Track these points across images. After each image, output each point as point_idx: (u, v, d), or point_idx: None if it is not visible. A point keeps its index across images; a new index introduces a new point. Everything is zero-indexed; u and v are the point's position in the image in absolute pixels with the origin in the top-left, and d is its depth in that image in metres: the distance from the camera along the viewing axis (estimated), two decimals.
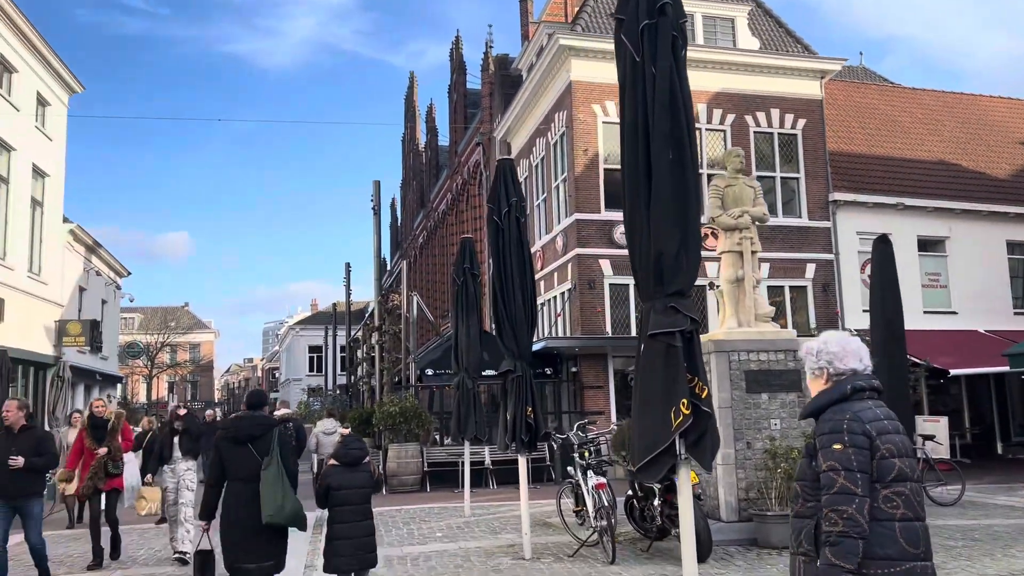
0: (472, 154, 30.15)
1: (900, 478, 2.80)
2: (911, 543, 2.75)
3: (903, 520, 2.77)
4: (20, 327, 21.24)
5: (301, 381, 64.79)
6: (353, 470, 5.82)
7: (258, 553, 5.42)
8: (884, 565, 2.72)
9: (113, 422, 9.46)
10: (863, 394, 2.95)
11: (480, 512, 12.52)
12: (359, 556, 5.75)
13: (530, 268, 8.71)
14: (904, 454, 2.85)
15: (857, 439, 2.80)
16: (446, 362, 18.04)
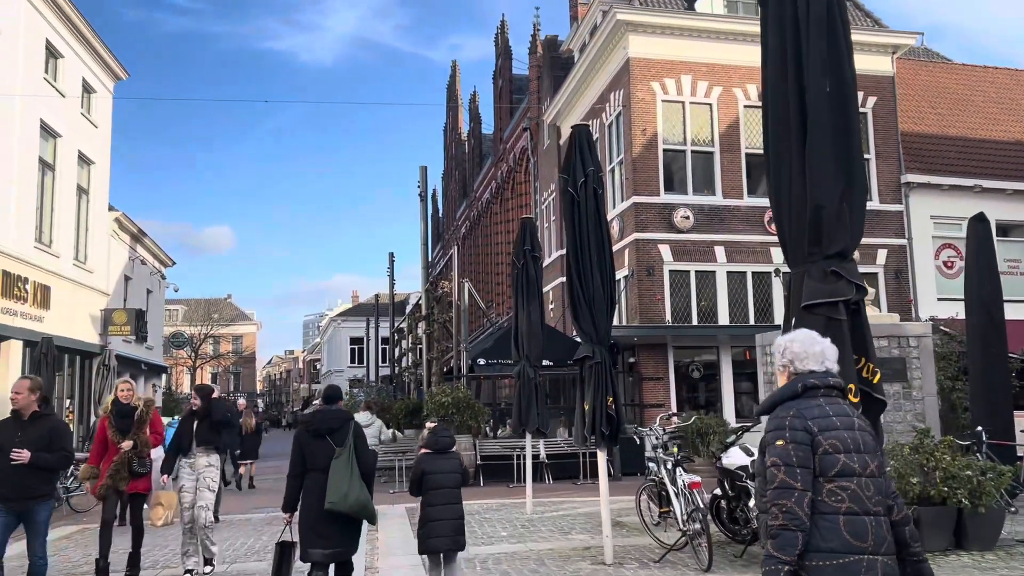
0: (518, 140, 29.39)
1: (845, 473, 2.83)
2: (856, 536, 2.79)
3: (848, 514, 2.80)
4: (66, 315, 21.05)
5: (343, 373, 64.72)
6: (444, 457, 6.28)
7: (329, 540, 5.63)
8: (826, 557, 2.77)
9: (142, 411, 7.95)
10: (815, 392, 3.00)
11: (542, 509, 11.79)
12: (451, 538, 6.15)
13: (608, 244, 7.93)
14: (853, 450, 2.88)
15: (797, 435, 2.87)
16: (499, 351, 17.35)
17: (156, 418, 8.48)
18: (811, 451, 2.87)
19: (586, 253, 7.76)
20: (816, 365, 3.09)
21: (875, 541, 2.82)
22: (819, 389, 3.03)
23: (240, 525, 11.20)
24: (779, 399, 3.07)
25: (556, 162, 24.29)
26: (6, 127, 17.85)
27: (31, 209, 19.18)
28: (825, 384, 3.04)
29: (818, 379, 3.05)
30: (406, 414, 23.91)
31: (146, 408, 8.12)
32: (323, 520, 5.58)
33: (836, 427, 2.91)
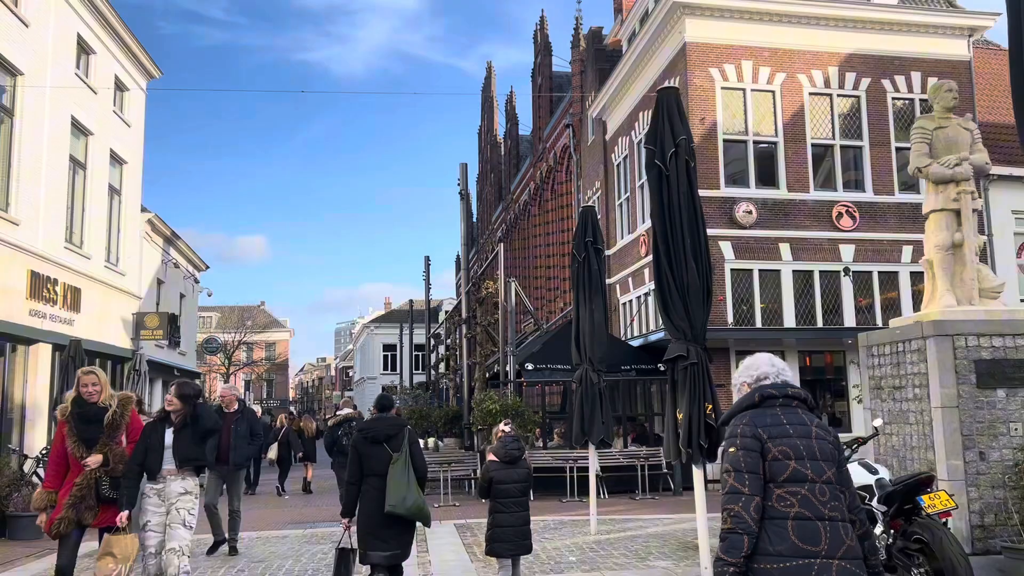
0: (559, 138, 28.35)
1: (795, 479, 2.89)
2: (806, 541, 2.81)
3: (798, 519, 2.84)
4: (97, 318, 20.37)
5: (376, 380, 64.06)
6: (512, 466, 6.42)
7: (387, 543, 5.81)
8: (774, 560, 2.81)
9: (114, 413, 5.95)
10: (773, 401, 3.07)
11: (607, 528, 10.66)
12: (517, 542, 6.44)
13: (703, 225, 6.82)
14: (806, 456, 2.93)
15: (747, 442, 2.95)
16: (548, 356, 16.27)
17: (136, 422, 6.24)
18: (760, 457, 2.92)
19: (678, 235, 6.67)
20: (767, 367, 3.21)
21: (830, 545, 2.81)
22: (777, 399, 3.08)
23: (276, 542, 10.23)
24: (737, 409, 3.14)
25: (601, 158, 23.21)
26: (36, 123, 17.20)
27: (61, 208, 18.52)
28: (783, 394, 3.09)
29: (776, 389, 3.11)
30: (445, 422, 22.94)
31: (121, 409, 6.02)
32: (382, 524, 5.78)
33: (788, 435, 2.95)
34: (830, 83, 17.64)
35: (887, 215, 17.48)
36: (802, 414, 3.08)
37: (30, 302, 16.80)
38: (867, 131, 17.71)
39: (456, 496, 14.56)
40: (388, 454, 5.86)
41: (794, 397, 3.12)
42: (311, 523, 12.28)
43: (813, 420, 3.08)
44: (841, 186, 17.48)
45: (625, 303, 21.34)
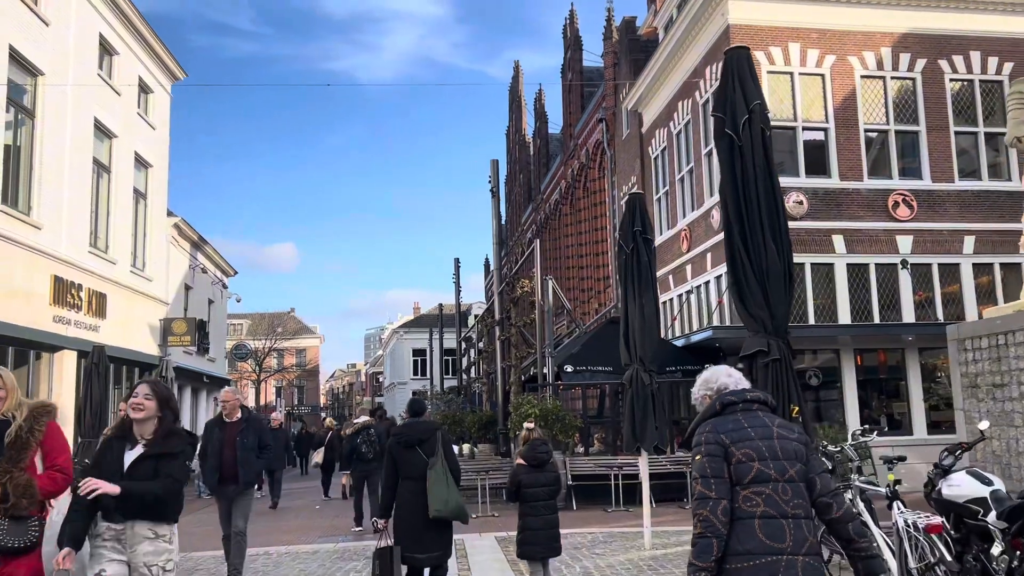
0: (592, 134, 27.53)
1: (760, 480, 2.96)
2: (773, 538, 2.90)
3: (764, 517, 2.92)
4: (123, 324, 19.94)
5: (406, 385, 63.55)
6: (540, 470, 6.46)
7: (429, 545, 5.89)
8: (743, 559, 2.88)
9: (19, 429, 4.19)
10: (734, 407, 3.16)
11: (662, 541, 9.82)
12: (547, 544, 6.50)
13: (781, 202, 5.97)
14: (769, 457, 3.01)
15: (711, 448, 3.04)
16: (588, 357, 15.47)
17: (55, 439, 4.34)
18: (725, 462, 3.01)
19: (754, 213, 5.83)
20: (725, 379, 3.31)
21: (794, 542, 2.91)
22: (737, 404, 3.18)
23: (305, 559, 9.53)
24: (701, 419, 3.22)
25: (637, 152, 22.35)
26: (58, 124, 16.79)
27: (85, 212, 18.12)
28: (743, 399, 3.19)
29: (735, 395, 3.21)
30: (479, 427, 22.17)
31: (30, 423, 4.22)
32: (422, 527, 5.85)
33: (750, 437, 3.05)
34: (883, 65, 16.64)
35: (946, 204, 16.43)
36: (763, 416, 3.16)
37: (54, 308, 16.37)
38: (923, 115, 16.67)
39: (495, 506, 13.79)
40: (422, 458, 5.96)
41: (754, 401, 3.20)
42: (343, 536, 11.58)
43: (774, 421, 3.16)
44: (897, 174, 16.45)
45: (665, 302, 20.44)
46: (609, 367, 15.20)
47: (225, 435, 7.77)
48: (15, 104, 15.51)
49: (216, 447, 7.71)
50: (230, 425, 7.87)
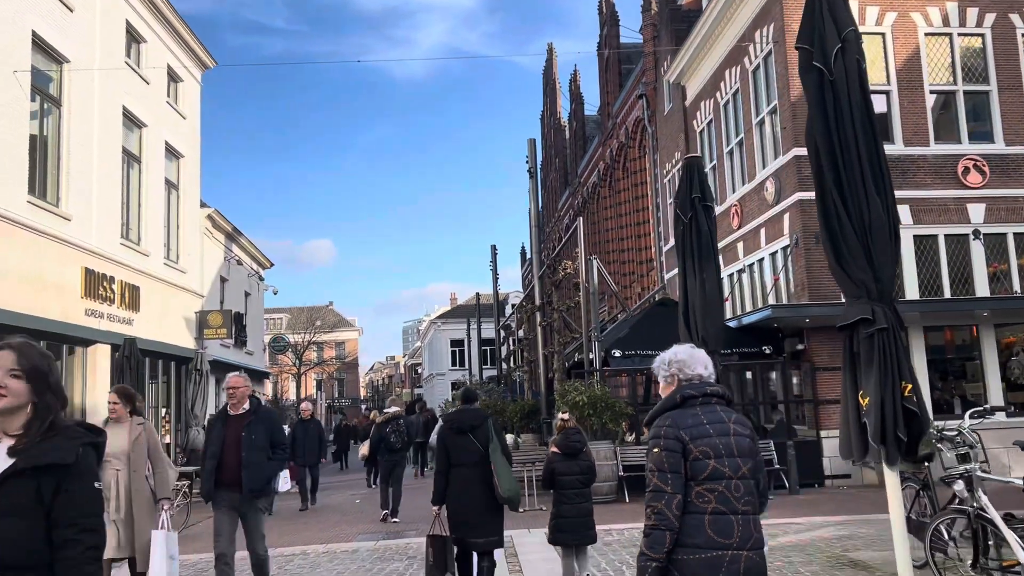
0: (631, 111, 26.57)
1: (714, 477, 3.04)
2: (721, 534, 3.00)
3: (714, 513, 3.02)
4: (157, 317, 19.58)
5: (445, 376, 63.24)
6: (573, 458, 6.46)
7: (485, 529, 5.99)
8: (691, 552, 2.99)
9: None
10: (694, 401, 3.20)
11: None
12: (580, 532, 6.47)
13: (882, 147, 5.10)
14: (724, 454, 3.07)
15: (669, 443, 3.09)
16: (636, 341, 14.63)
17: None
18: (682, 457, 3.07)
19: (852, 159, 4.98)
20: (701, 369, 3.32)
21: (741, 537, 3.02)
22: (697, 399, 3.22)
23: (344, 560, 8.90)
24: (660, 410, 3.26)
25: (681, 126, 21.37)
26: (85, 113, 16.38)
27: (116, 203, 17.72)
28: (702, 393, 3.23)
29: (696, 389, 3.24)
30: (521, 417, 21.44)
31: None
32: (475, 511, 5.95)
33: (709, 434, 3.11)
34: (949, 21, 15.47)
35: (1022, 168, 15.24)
36: (720, 411, 3.21)
37: (85, 301, 15.99)
38: (994, 74, 15.47)
39: (542, 498, 13.05)
40: (474, 444, 6.04)
41: (712, 395, 3.25)
42: (383, 534, 10.94)
43: (731, 416, 3.21)
44: (966, 138, 15.30)
45: None
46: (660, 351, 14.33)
47: (228, 431, 6.44)
48: (40, 92, 15.10)
49: (216, 446, 6.40)
50: (234, 419, 6.51)
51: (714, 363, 8.08)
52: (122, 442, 6.30)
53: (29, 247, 14.06)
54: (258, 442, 6.41)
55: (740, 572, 2.98)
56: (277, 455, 6.60)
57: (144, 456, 6.41)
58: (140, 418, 6.62)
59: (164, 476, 6.49)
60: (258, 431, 6.45)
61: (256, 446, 6.39)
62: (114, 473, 6.32)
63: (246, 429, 6.41)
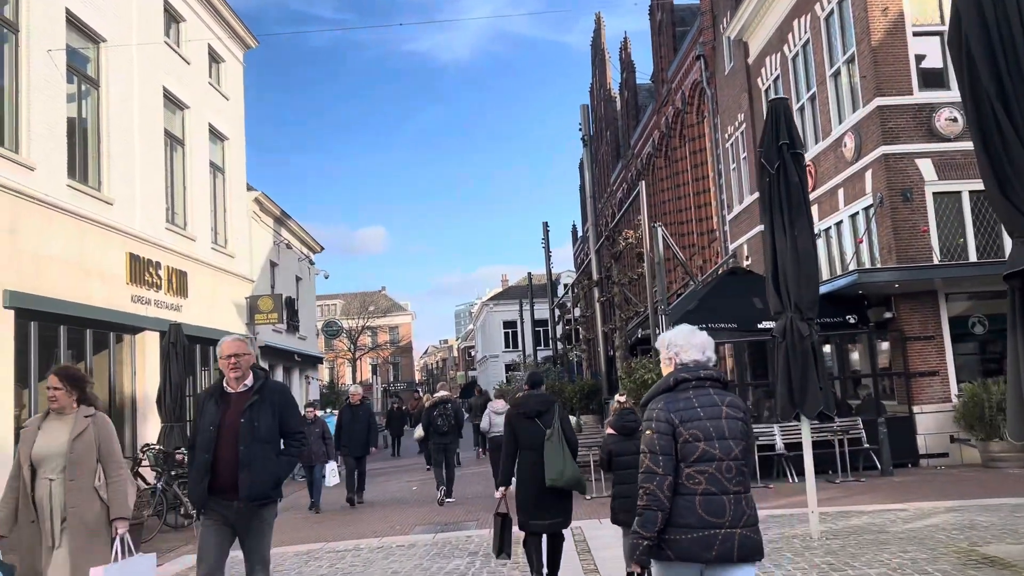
0: (688, 74, 25.24)
1: (704, 459, 3.14)
2: (712, 514, 3.09)
3: (705, 494, 3.11)
4: (207, 303, 19.19)
5: (498, 358, 62.74)
6: (629, 439, 6.22)
7: (549, 511, 6.00)
8: (683, 531, 3.10)
9: None
10: (687, 384, 3.29)
11: (827, 526, 7.99)
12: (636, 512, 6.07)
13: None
14: (715, 437, 3.16)
15: (661, 426, 3.20)
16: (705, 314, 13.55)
17: None
18: (673, 440, 3.18)
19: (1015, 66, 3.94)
20: (698, 354, 3.37)
21: (733, 516, 3.11)
22: (690, 382, 3.30)
23: (400, 556, 8.16)
24: (654, 393, 3.38)
25: (744, 85, 20.05)
26: (124, 95, 15.91)
27: (160, 187, 17.28)
28: (696, 376, 3.31)
29: (689, 373, 3.31)
30: (581, 398, 20.58)
31: None
32: (541, 494, 5.93)
33: (699, 417, 3.20)
34: None
35: None
36: (713, 394, 3.29)
37: (131, 287, 15.59)
38: None
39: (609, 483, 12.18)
40: (540, 429, 6.05)
41: (707, 379, 3.32)
42: (442, 525, 10.20)
43: (724, 399, 3.28)
44: None
45: None
46: (733, 323, 13.30)
47: (223, 414, 4.81)
48: (78, 73, 14.64)
49: (207, 436, 4.74)
50: (233, 399, 4.85)
51: (810, 333, 7.09)
52: (60, 441, 4.78)
53: (71, 233, 13.64)
54: (262, 434, 4.71)
55: (733, 549, 3.07)
56: (292, 447, 4.96)
57: (90, 459, 4.81)
58: (89, 408, 5.01)
59: (119, 487, 4.85)
60: (263, 415, 4.74)
61: (260, 438, 4.69)
62: (47, 485, 4.72)
63: (247, 413, 4.72)
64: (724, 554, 3.06)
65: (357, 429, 12.98)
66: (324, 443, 12.64)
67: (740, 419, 3.24)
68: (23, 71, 12.75)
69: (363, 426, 13.00)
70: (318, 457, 12.46)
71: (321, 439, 12.59)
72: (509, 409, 6.68)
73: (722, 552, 3.06)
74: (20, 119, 12.67)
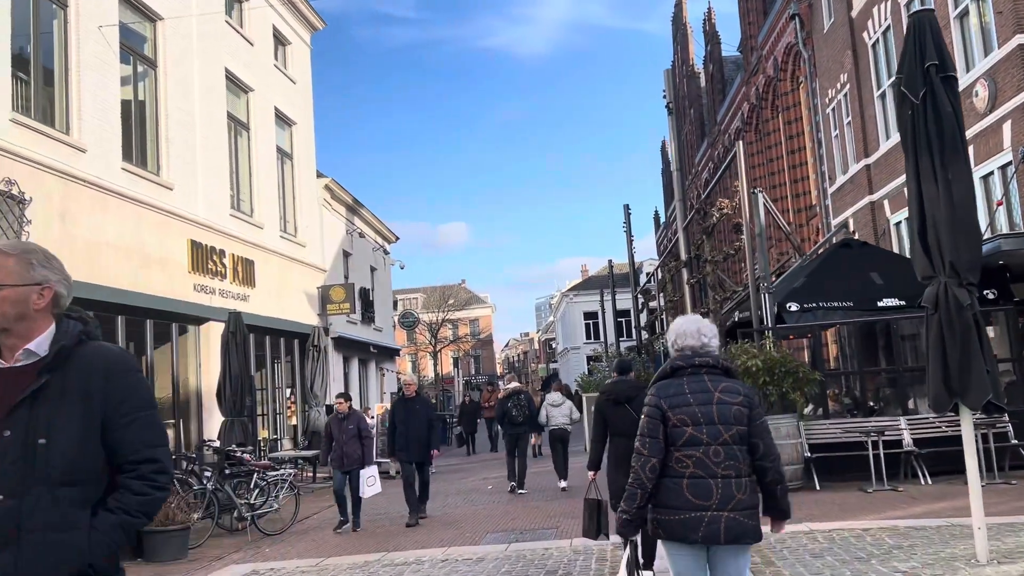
0: (780, 38, 23.25)
1: (691, 443, 3.28)
2: (699, 496, 3.23)
3: (692, 478, 3.25)
4: (276, 293, 18.53)
5: (579, 350, 61.33)
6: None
7: None
8: (671, 512, 3.26)
9: None
10: (683, 371, 3.45)
11: (995, 546, 6.37)
12: None
13: None
14: (704, 422, 3.30)
15: (650, 410, 3.39)
16: (815, 292, 11.89)
17: None
18: (661, 424, 3.33)
19: None
20: (693, 341, 3.51)
21: (720, 499, 3.21)
22: (685, 369, 3.44)
23: (465, 570, 6.96)
24: (656, 379, 3.57)
25: (847, 42, 18.06)
26: (184, 76, 15.27)
27: (223, 172, 16.65)
28: (691, 364, 3.44)
29: (684, 360, 3.47)
30: None
31: None
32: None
33: (689, 403, 3.33)
34: None
35: None
36: (708, 380, 3.39)
37: (194, 276, 14.96)
38: None
39: None
40: (630, 415, 5.92)
41: (702, 365, 3.44)
42: (517, 533, 8.98)
43: (719, 385, 3.38)
44: None
45: (899, 223, 16.27)
46: (848, 302, 11.60)
47: None
48: (133, 52, 14.05)
49: None
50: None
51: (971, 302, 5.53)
52: None
53: (128, 218, 13.02)
54: (53, 457, 2.11)
55: (720, 531, 3.19)
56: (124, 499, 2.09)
57: None
58: None
59: None
60: (60, 419, 2.12)
61: (46, 471, 2.09)
62: None
63: (18, 414, 2.10)
64: (710, 535, 3.18)
65: (414, 427, 10.35)
66: (361, 444, 10.16)
67: (736, 404, 3.32)
68: (72, 49, 12.15)
69: (421, 423, 10.39)
70: (352, 461, 10.05)
71: (357, 438, 10.13)
72: (599, 396, 6.68)
73: (708, 533, 3.18)
74: (70, 99, 12.08)
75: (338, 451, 10.16)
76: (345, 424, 10.22)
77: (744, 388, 3.41)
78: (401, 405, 10.77)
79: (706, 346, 3.48)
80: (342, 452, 10.10)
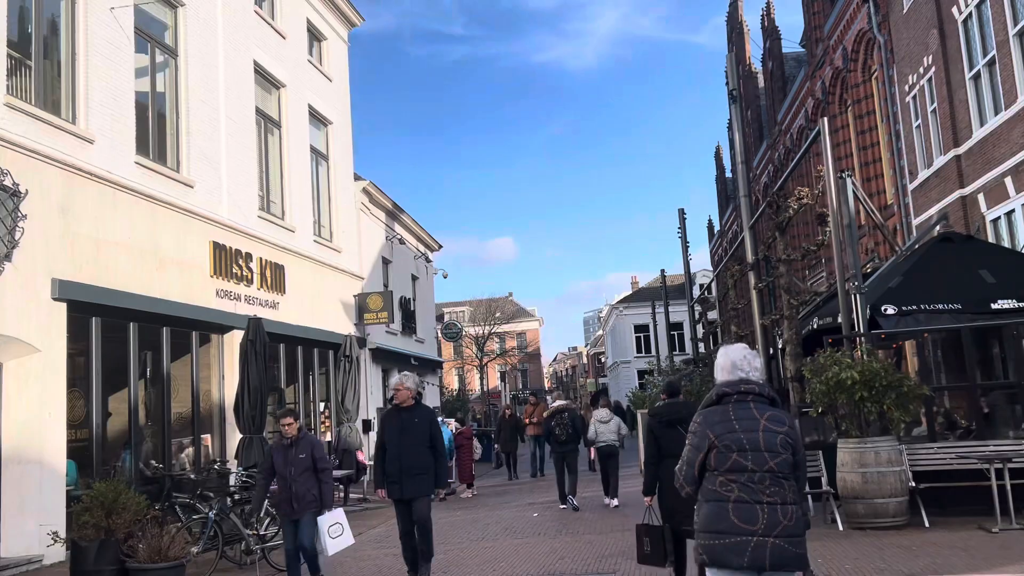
0: (851, 24, 21.42)
1: (736, 469, 3.36)
2: (745, 521, 3.27)
3: (738, 502, 3.31)
4: (309, 301, 17.39)
5: (630, 364, 59.41)
6: None
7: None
8: (717, 537, 3.29)
9: None
10: (729, 398, 3.55)
11: None
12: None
13: None
14: (747, 449, 3.38)
15: (694, 439, 3.54)
16: (915, 292, 10.17)
17: None
18: (704, 451, 3.46)
19: None
20: (739, 372, 3.61)
21: (766, 525, 3.25)
22: (731, 396, 3.54)
23: None
24: (703, 405, 3.66)
25: (933, 21, 16.24)
26: (207, 67, 14.26)
27: (251, 171, 15.59)
28: (737, 391, 3.54)
29: (730, 387, 3.57)
30: None
31: None
32: (684, 500, 5.00)
33: (734, 430, 3.42)
34: None
35: None
36: (754, 408, 3.48)
37: (216, 280, 13.86)
38: None
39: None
40: (682, 436, 5.08)
41: (748, 392, 3.52)
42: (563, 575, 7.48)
43: (764, 413, 3.47)
44: None
45: (997, 218, 14.39)
46: (956, 304, 9.87)
47: None
48: (151, 39, 13.07)
49: None
50: None
51: None
52: None
53: (140, 216, 11.96)
54: None
55: (765, 557, 3.21)
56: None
57: None
58: None
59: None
60: None
61: None
62: None
63: None
64: (755, 561, 3.21)
65: (410, 449, 7.18)
66: (318, 479, 7.19)
67: (782, 432, 3.40)
68: (80, 31, 11.16)
69: (419, 443, 7.21)
70: (305, 505, 7.12)
71: (311, 472, 7.17)
72: (650, 419, 6.64)
73: (753, 559, 3.22)
74: (77, 86, 11.08)
75: (284, 491, 7.18)
76: (294, 453, 7.20)
77: (789, 419, 3.44)
78: (392, 418, 7.42)
79: (752, 375, 3.55)
80: (290, 492, 7.12)
